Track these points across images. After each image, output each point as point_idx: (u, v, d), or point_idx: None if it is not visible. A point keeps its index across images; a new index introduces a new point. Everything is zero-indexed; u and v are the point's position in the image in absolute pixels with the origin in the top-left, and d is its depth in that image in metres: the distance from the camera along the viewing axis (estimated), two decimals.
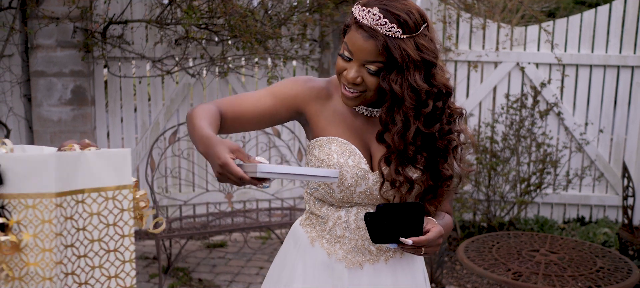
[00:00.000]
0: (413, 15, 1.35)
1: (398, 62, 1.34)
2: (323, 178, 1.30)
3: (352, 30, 1.38)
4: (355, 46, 1.37)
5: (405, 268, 1.56)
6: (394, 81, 1.35)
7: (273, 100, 1.51)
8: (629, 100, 4.93)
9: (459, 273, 4.22)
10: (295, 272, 1.56)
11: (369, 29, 1.34)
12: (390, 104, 1.39)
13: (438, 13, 4.86)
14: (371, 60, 1.37)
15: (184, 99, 4.73)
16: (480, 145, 4.74)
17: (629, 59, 4.82)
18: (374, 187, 1.48)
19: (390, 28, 1.33)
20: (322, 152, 1.49)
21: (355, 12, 1.38)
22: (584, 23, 4.85)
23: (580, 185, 5.01)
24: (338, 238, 1.53)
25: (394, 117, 1.39)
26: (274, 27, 4.16)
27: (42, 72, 4.08)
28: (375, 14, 1.34)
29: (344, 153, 1.47)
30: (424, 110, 1.38)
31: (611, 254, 2.99)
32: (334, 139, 1.49)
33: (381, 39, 1.33)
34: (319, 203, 1.55)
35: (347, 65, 1.40)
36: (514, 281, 2.64)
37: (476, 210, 4.83)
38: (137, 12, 4.45)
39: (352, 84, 1.41)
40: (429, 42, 1.38)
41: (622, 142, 4.98)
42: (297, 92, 1.52)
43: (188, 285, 3.88)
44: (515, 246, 3.08)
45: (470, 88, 4.99)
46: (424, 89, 1.36)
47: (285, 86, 1.54)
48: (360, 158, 1.47)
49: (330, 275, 1.53)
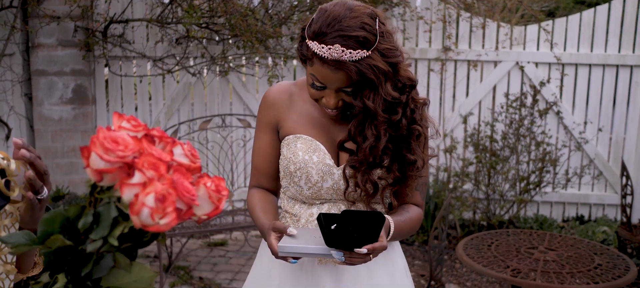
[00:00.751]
0: (367, 25, 1.34)
1: (371, 80, 1.35)
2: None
3: (316, 64, 1.37)
4: (326, 79, 1.38)
5: (381, 263, 1.55)
6: (368, 97, 1.37)
7: (267, 133, 1.60)
8: (627, 99, 4.95)
9: (459, 271, 4.24)
10: (271, 275, 1.59)
11: (334, 63, 1.33)
12: (362, 119, 1.41)
13: (438, 12, 4.87)
14: (344, 86, 1.38)
15: (185, 98, 4.75)
16: (480, 144, 4.76)
17: (627, 58, 4.84)
18: (340, 182, 1.50)
19: (356, 54, 1.33)
20: (289, 151, 1.53)
21: (314, 48, 1.35)
22: (583, 22, 4.87)
23: (579, 184, 5.03)
24: None
25: (364, 132, 1.41)
26: (274, 26, 4.19)
27: (43, 71, 4.10)
28: (338, 49, 1.32)
29: (309, 150, 1.50)
30: (394, 117, 1.40)
31: (609, 252, 3.01)
32: (299, 137, 1.53)
33: (351, 66, 1.33)
34: (292, 202, 1.58)
35: (323, 93, 1.42)
36: (513, 278, 2.66)
37: (476, 209, 4.84)
38: (138, 11, 4.47)
39: (334, 108, 1.44)
40: (389, 38, 1.38)
41: (621, 141, 5.00)
42: (275, 110, 1.58)
43: (189, 283, 3.90)
44: (514, 244, 3.10)
45: (470, 87, 5.00)
46: (394, 97, 1.38)
47: (265, 115, 1.60)
48: (324, 154, 1.51)
49: (305, 273, 1.55)
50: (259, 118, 1.62)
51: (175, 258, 4.01)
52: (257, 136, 1.62)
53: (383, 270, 1.57)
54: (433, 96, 5.01)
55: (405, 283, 1.61)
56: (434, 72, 4.96)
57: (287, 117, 1.57)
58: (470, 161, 4.79)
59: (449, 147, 4.82)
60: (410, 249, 4.58)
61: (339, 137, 1.52)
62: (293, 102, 1.58)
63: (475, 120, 4.99)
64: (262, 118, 1.61)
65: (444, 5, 4.87)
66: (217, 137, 4.74)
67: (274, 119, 1.59)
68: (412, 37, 4.91)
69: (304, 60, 1.42)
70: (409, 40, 4.89)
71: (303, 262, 1.54)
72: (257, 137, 1.62)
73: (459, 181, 4.82)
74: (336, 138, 1.53)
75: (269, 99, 1.60)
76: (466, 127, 4.92)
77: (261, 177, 1.63)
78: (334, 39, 1.33)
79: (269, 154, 1.60)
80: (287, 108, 1.57)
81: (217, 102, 4.87)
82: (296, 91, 1.59)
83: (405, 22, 4.81)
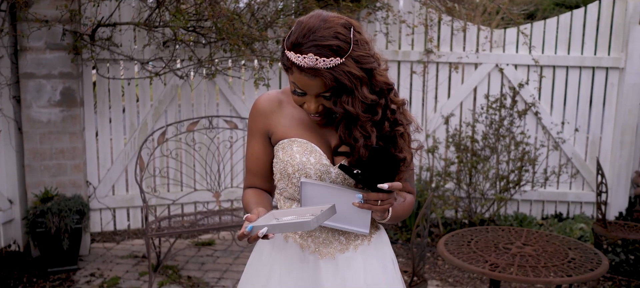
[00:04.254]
0: (341, 34, 1.45)
1: (348, 86, 1.46)
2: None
3: (295, 72, 1.48)
4: (305, 85, 1.49)
5: (374, 255, 1.69)
6: (346, 102, 1.47)
7: (259, 139, 1.70)
8: (603, 100, 5.11)
9: (441, 268, 4.36)
10: (273, 269, 1.67)
11: (310, 70, 1.44)
12: (346, 122, 1.53)
13: (420, 16, 4.99)
14: (322, 92, 1.49)
15: (172, 100, 4.81)
16: (461, 144, 4.88)
17: (603, 60, 5.00)
18: (337, 180, 1.61)
19: (329, 62, 1.43)
20: (286, 154, 1.62)
21: (291, 58, 1.46)
22: (561, 25, 5.02)
23: (557, 183, 5.18)
24: (309, 233, 1.65)
25: (353, 134, 1.52)
26: (260, 30, 4.27)
27: (32, 74, 4.14)
28: (312, 58, 1.43)
29: (305, 152, 1.60)
30: (375, 117, 1.51)
31: (583, 246, 3.14)
32: (294, 140, 1.62)
33: (326, 74, 1.44)
34: (289, 202, 1.68)
35: (304, 99, 1.54)
36: (491, 272, 2.77)
37: (457, 208, 4.97)
38: (126, 15, 4.53)
39: (315, 113, 1.55)
40: (364, 46, 1.48)
41: (597, 141, 5.16)
42: (265, 118, 1.68)
43: (177, 282, 3.97)
44: (492, 240, 3.22)
45: (452, 89, 5.13)
46: (372, 100, 1.49)
47: (255, 123, 1.70)
48: (320, 155, 1.61)
49: (305, 268, 1.65)
50: (250, 126, 1.73)
51: (164, 258, 4.07)
52: (249, 143, 1.73)
53: (375, 259, 1.69)
54: (416, 97, 5.12)
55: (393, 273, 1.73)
56: (416, 74, 5.07)
57: (278, 123, 1.66)
58: (452, 161, 4.92)
59: (431, 147, 4.94)
60: (393, 247, 4.69)
61: (330, 137, 1.63)
62: (282, 108, 1.67)
63: (457, 121, 5.12)
64: (253, 126, 1.71)
65: (426, 9, 4.99)
66: (205, 138, 4.81)
67: (264, 126, 1.69)
68: (395, 40, 5.03)
69: (286, 69, 1.52)
70: (392, 43, 5.00)
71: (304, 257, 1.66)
72: (249, 143, 1.73)
73: (441, 180, 4.94)
74: (327, 138, 1.63)
75: (259, 108, 1.69)
76: (448, 127, 5.04)
77: (255, 178, 1.75)
78: (309, 48, 1.43)
79: (261, 159, 1.72)
80: (277, 115, 1.67)
81: (204, 104, 4.95)
82: (284, 98, 1.69)
83: (388, 25, 4.92)
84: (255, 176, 1.75)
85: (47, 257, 4.06)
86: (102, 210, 4.85)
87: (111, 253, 4.49)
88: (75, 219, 4.06)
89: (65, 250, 4.05)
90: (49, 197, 4.15)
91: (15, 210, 4.33)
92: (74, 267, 4.13)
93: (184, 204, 4.94)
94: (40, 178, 4.26)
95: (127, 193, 4.93)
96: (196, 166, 4.89)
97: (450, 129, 5.06)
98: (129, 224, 4.97)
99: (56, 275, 4.04)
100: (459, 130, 5.02)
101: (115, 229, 4.95)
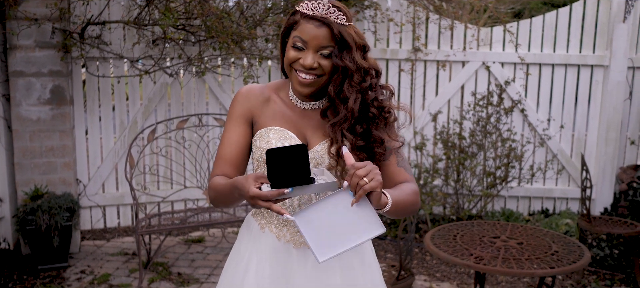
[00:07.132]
0: (347, 10, 1.59)
1: (349, 44, 1.56)
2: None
3: (301, 24, 1.57)
4: (309, 35, 1.56)
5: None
6: (346, 58, 1.57)
7: (241, 124, 1.70)
8: (588, 98, 5.18)
9: (429, 263, 4.41)
10: (250, 260, 1.70)
11: (321, 19, 1.55)
12: (341, 80, 1.58)
13: (407, 14, 5.05)
14: (325, 45, 1.56)
15: (162, 98, 4.83)
16: (449, 141, 4.94)
17: (588, 58, 5.08)
18: (312, 163, 1.63)
19: (338, 16, 1.55)
20: (262, 141, 1.65)
21: (302, 8, 1.57)
22: (546, 24, 5.09)
23: (544, 179, 5.25)
24: (285, 223, 1.68)
25: (343, 90, 1.58)
26: (249, 28, 4.30)
27: (21, 72, 4.15)
28: (325, 4, 1.55)
29: (281, 138, 1.64)
30: (364, 85, 1.59)
31: (566, 240, 3.21)
32: (271, 129, 1.67)
33: (335, 25, 1.54)
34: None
35: (301, 54, 1.58)
36: (476, 264, 2.83)
37: (445, 204, 5.03)
38: (115, 13, 4.55)
39: (309, 69, 1.58)
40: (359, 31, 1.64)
41: (582, 138, 5.24)
42: (250, 104, 1.71)
43: (168, 279, 4.00)
44: (478, 234, 3.27)
45: (440, 87, 5.18)
46: (365, 65, 1.59)
47: (240, 105, 1.72)
48: (296, 141, 1.65)
49: (280, 257, 1.67)
50: (232, 111, 1.72)
51: (154, 254, 4.10)
52: (229, 128, 1.70)
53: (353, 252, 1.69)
54: (404, 95, 5.18)
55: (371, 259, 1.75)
56: (404, 72, 5.13)
57: (262, 113, 1.70)
58: (440, 158, 4.98)
59: (419, 144, 5.00)
60: (382, 243, 4.74)
61: (307, 131, 1.66)
62: (268, 102, 1.71)
63: (445, 118, 5.18)
64: (237, 109, 1.71)
65: (414, 7, 5.05)
66: (194, 136, 4.84)
67: (249, 111, 1.70)
68: (383, 38, 5.07)
69: (288, 33, 1.60)
70: (380, 41, 5.05)
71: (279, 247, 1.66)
72: (228, 129, 1.70)
73: (429, 177, 5.00)
74: (305, 131, 1.67)
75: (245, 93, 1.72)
76: (436, 125, 5.10)
77: (226, 166, 1.68)
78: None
79: (240, 144, 1.69)
80: (262, 106, 1.70)
81: (194, 101, 4.97)
82: (268, 93, 1.73)
83: (377, 24, 4.97)
84: (227, 163, 1.69)
85: (37, 254, 4.08)
86: (92, 208, 4.87)
87: (101, 251, 4.51)
88: (65, 217, 4.07)
89: (56, 248, 4.06)
90: (39, 195, 4.17)
91: (5, 208, 4.34)
92: (65, 264, 4.15)
93: (174, 201, 4.96)
94: (30, 176, 4.27)
95: (117, 191, 4.95)
96: (186, 163, 4.91)
97: (438, 126, 5.12)
98: (119, 222, 4.99)
99: (46, 273, 4.06)
100: (447, 127, 5.07)
101: (105, 227, 4.96)
